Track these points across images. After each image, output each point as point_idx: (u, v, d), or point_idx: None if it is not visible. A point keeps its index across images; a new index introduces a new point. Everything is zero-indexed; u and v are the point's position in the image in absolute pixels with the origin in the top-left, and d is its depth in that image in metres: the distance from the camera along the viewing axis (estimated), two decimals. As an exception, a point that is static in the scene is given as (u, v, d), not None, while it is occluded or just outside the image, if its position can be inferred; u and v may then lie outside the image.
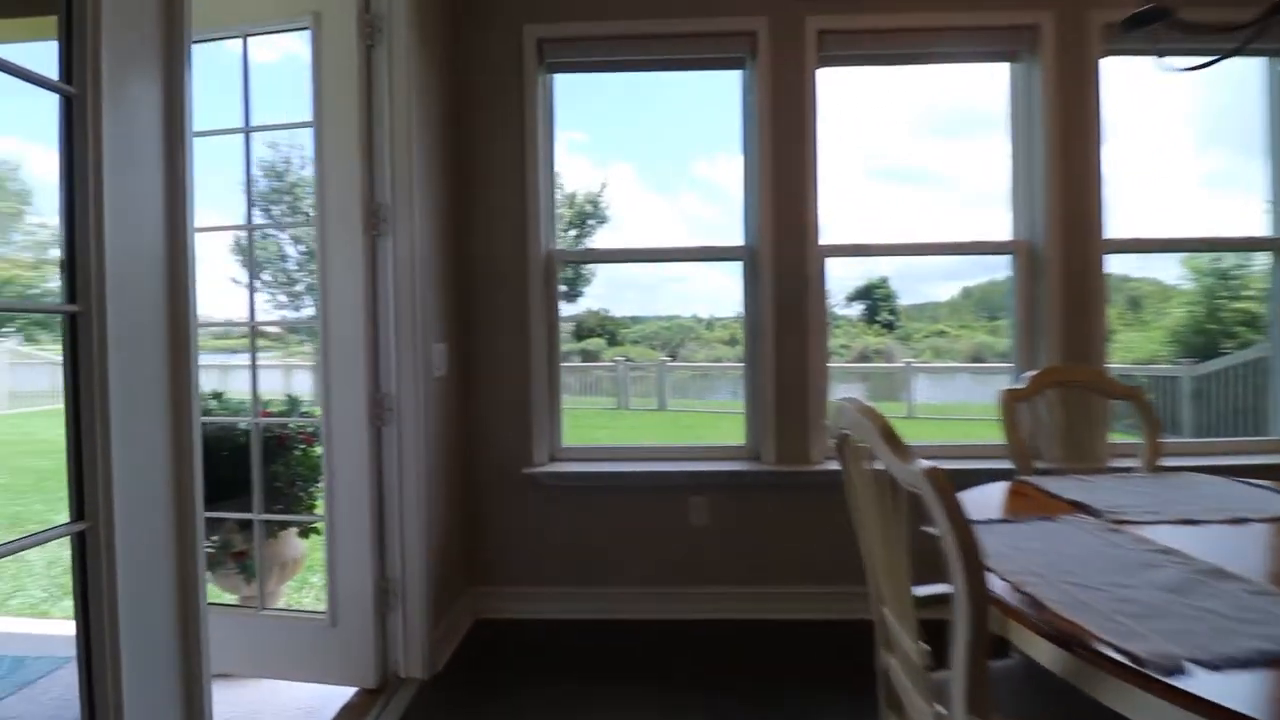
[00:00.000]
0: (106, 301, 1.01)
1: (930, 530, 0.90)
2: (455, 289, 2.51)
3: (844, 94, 2.78)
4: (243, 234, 2.30)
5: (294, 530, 2.52)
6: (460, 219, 2.57)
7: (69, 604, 3.40)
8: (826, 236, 2.62)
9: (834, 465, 2.56)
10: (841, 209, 2.72)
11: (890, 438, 0.97)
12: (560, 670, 2.26)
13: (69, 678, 2.48)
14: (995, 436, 1.97)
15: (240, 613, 2.23)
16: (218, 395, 2.51)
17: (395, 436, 2.12)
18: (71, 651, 2.65)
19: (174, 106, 1.18)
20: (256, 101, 2.11)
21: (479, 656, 2.37)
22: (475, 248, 2.59)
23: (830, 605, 2.54)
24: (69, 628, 2.91)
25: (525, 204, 2.58)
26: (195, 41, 2.23)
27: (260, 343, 2.24)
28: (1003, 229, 2.70)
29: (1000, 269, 2.73)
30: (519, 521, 2.61)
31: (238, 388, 2.78)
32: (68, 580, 3.32)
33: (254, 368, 2.22)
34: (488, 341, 2.60)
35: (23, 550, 0.97)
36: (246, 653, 2.19)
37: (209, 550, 2.43)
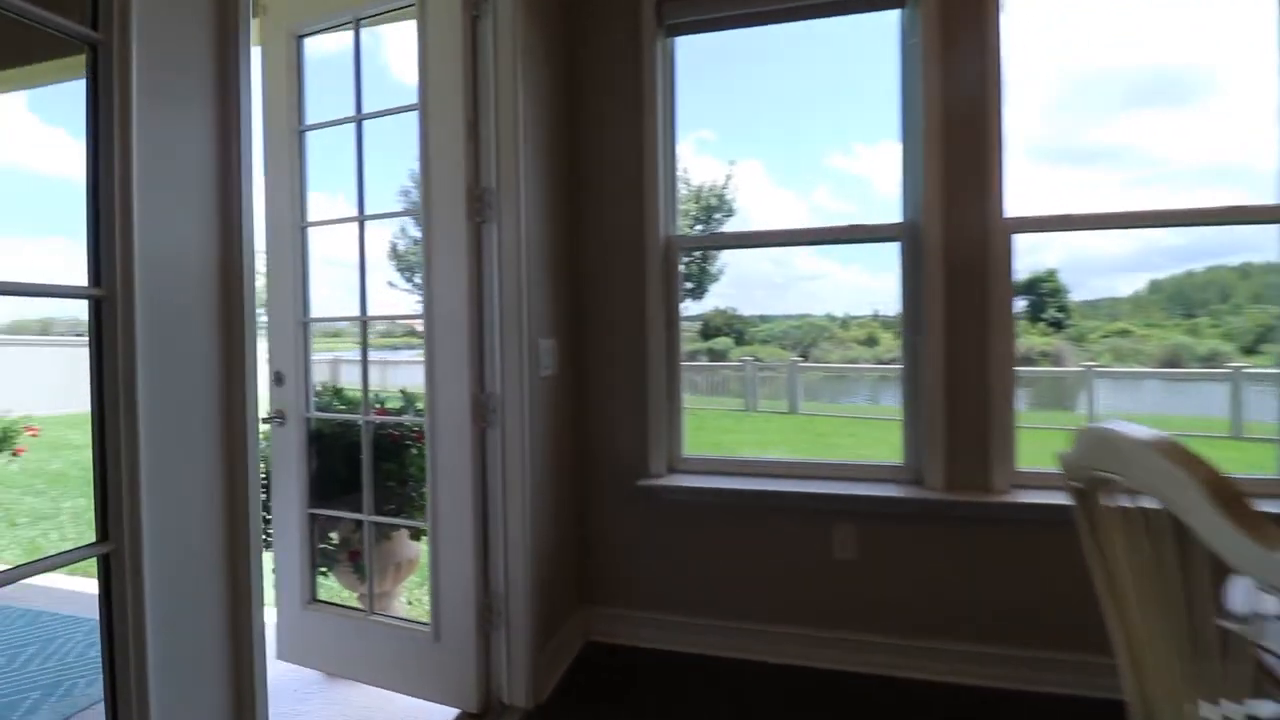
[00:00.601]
0: (136, 286, 0.86)
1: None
2: (565, 280, 2.30)
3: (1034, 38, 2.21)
4: (395, 232, 2.24)
5: (407, 531, 2.45)
6: (571, 203, 2.36)
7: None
8: (1014, 207, 2.09)
9: (1023, 497, 2.02)
10: (1023, 182, 2.16)
11: (1228, 501, 0.56)
12: (679, 713, 1.96)
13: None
14: (1228, 458, 1.38)
15: (352, 615, 2.17)
16: (338, 391, 2.51)
17: (499, 439, 1.94)
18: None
19: (226, 62, 1.02)
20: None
21: (588, 685, 2.14)
22: (588, 234, 2.37)
23: (1013, 672, 2.01)
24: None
25: (642, 184, 2.31)
26: (306, 34, 2.24)
27: (410, 340, 2.17)
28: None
29: (1218, 254, 2.02)
30: (634, 538, 2.35)
31: (400, 382, 2.81)
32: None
33: (364, 363, 2.15)
34: (601, 338, 2.36)
35: (46, 572, 0.83)
36: (357, 657, 2.12)
37: (327, 548, 2.42)
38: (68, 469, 6.56)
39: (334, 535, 2.42)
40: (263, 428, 2.43)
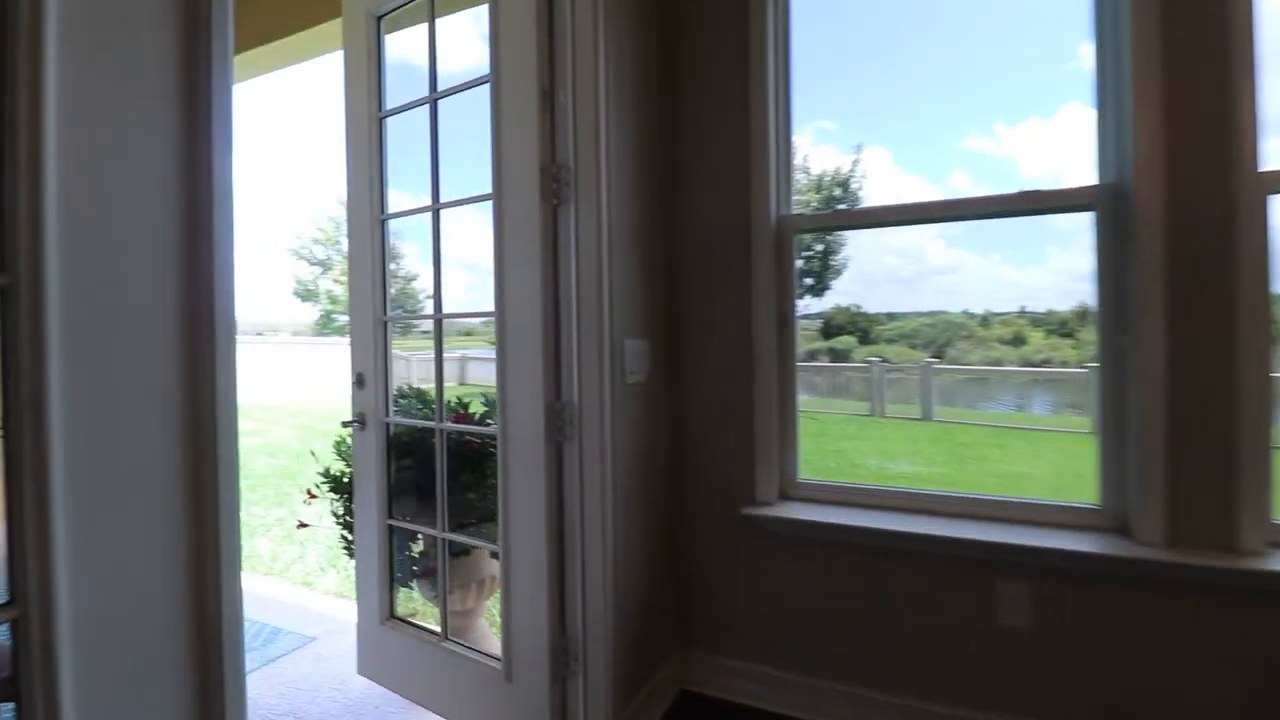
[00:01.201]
0: (47, 267, 0.65)
1: None
2: (657, 271, 1.98)
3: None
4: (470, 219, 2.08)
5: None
6: (664, 181, 2.04)
7: (332, 579, 3.79)
8: (1274, 158, 1.49)
9: (1297, 563, 1.42)
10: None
11: None
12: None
13: (306, 663, 2.57)
14: None
15: (426, 639, 2.00)
16: (420, 394, 2.37)
17: (575, 455, 1.67)
18: (317, 631, 2.70)
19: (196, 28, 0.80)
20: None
21: (679, 749, 1.82)
22: (684, 217, 2.03)
23: (1280, 810, 1.42)
24: (325, 604, 3.08)
25: (749, 155, 1.94)
26: (384, 14, 2.10)
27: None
28: None
29: None
30: (738, 576, 1.99)
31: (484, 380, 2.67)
32: (337, 552, 3.54)
33: (438, 365, 1.97)
34: (700, 338, 2.02)
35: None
36: (430, 685, 1.95)
37: (411, 556, 2.30)
38: None
39: (416, 546, 2.29)
40: (344, 432, 2.37)
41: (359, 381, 2.11)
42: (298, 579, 3.58)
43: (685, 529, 2.05)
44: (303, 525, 2.31)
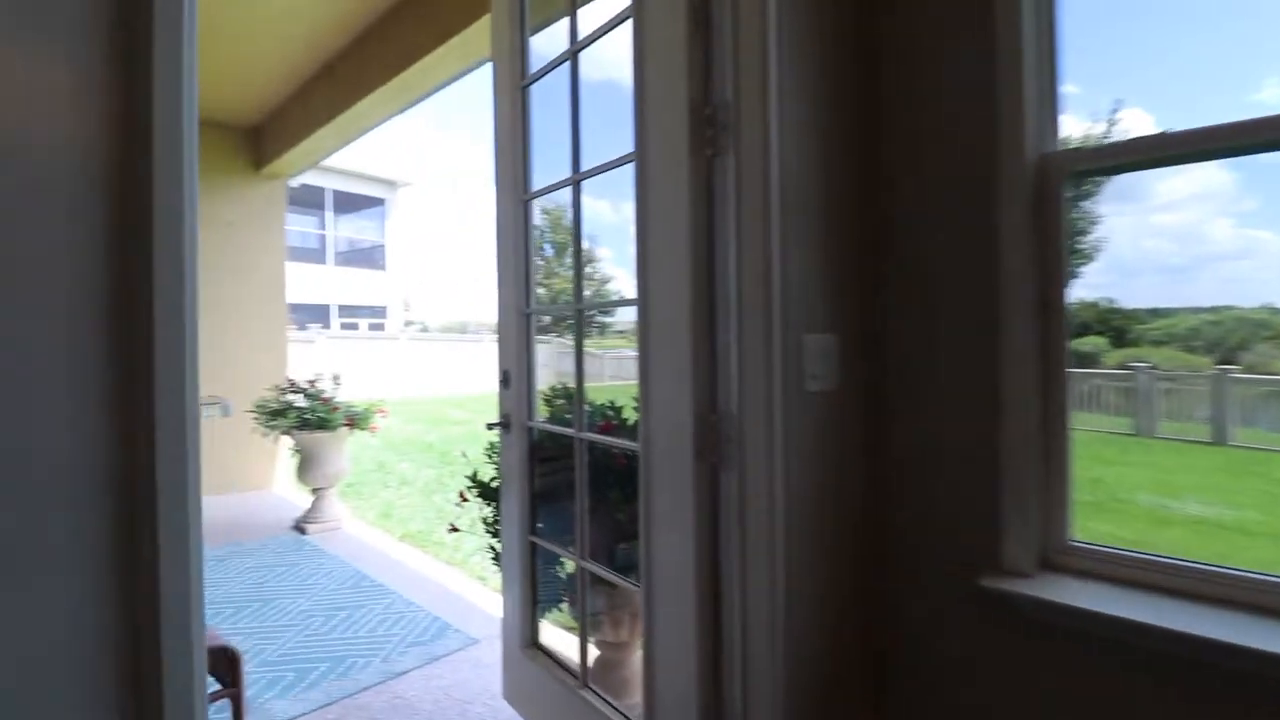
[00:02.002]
0: None
1: None
2: (850, 239, 1.48)
3: None
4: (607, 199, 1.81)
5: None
6: (862, 116, 1.52)
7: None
8: None
9: None
10: None
11: None
12: None
13: (466, 669, 2.49)
14: None
15: (565, 681, 1.75)
16: (571, 394, 2.13)
17: (734, 484, 1.27)
18: (483, 633, 2.60)
19: None
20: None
21: None
22: (893, 165, 1.50)
23: None
24: (495, 603, 3.03)
25: (994, 71, 1.35)
26: None
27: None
28: None
29: None
30: (970, 669, 1.42)
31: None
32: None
33: (579, 365, 1.69)
34: (913, 330, 1.48)
35: None
36: (565, 735, 1.69)
37: (559, 576, 2.07)
38: (400, 444, 8.17)
39: (563, 566, 2.06)
40: (492, 435, 2.23)
41: (504, 380, 1.93)
42: (476, 571, 3.63)
43: (888, 594, 1.52)
44: (454, 529, 2.23)
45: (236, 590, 3.27)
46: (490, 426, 1.93)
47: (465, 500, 2.17)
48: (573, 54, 1.60)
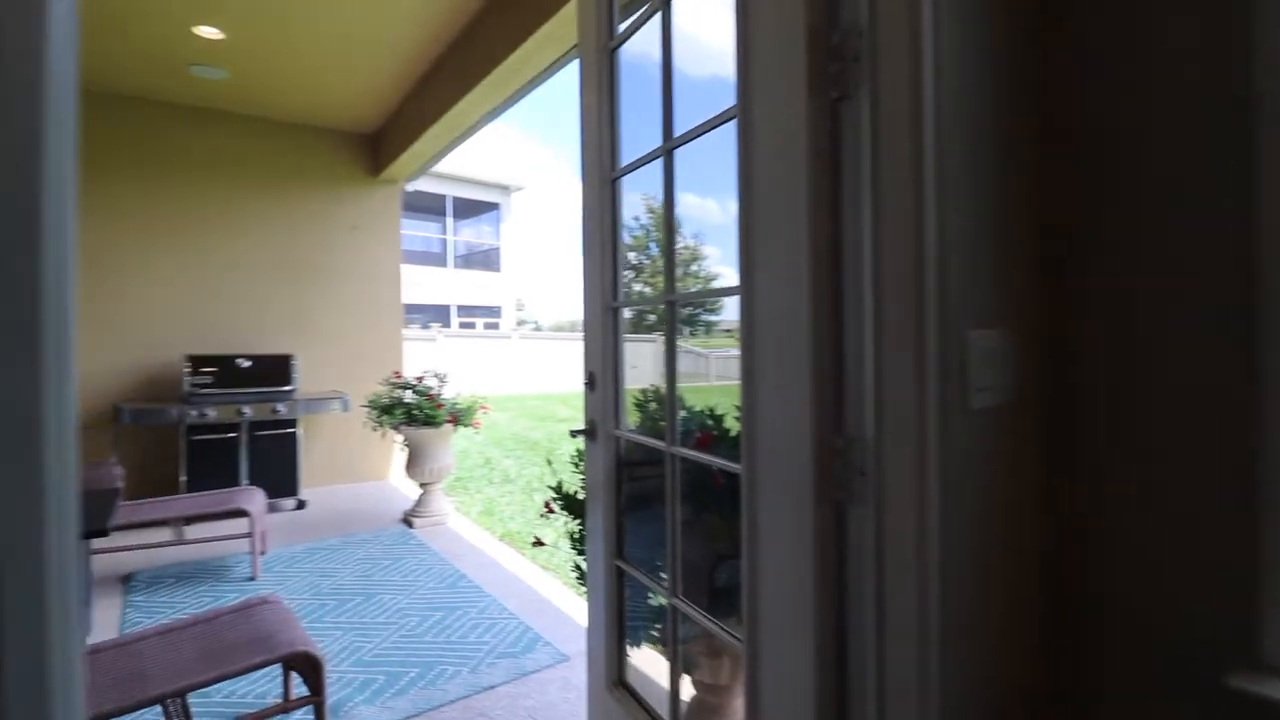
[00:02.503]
0: None
1: None
2: (1027, 205, 1.10)
3: None
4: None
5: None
6: (1039, 35, 1.13)
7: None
8: None
9: None
10: None
11: None
12: None
13: (554, 689, 2.34)
14: None
15: (653, 731, 1.51)
16: (713, 413, 1.87)
17: (870, 526, 0.96)
18: (573, 649, 2.42)
19: None
20: None
21: None
22: (1094, 99, 1.10)
23: None
24: (584, 613, 2.85)
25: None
26: None
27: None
28: None
29: None
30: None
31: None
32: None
33: (670, 367, 1.44)
34: (1119, 321, 1.08)
35: None
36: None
37: (649, 604, 1.84)
38: (506, 440, 8.25)
39: (654, 597, 1.83)
40: (578, 443, 2.03)
41: (589, 382, 1.72)
42: (569, 577, 3.50)
43: (1090, 679, 1.14)
44: (538, 543, 2.05)
45: (345, 582, 3.34)
46: (575, 434, 1.73)
47: (551, 512, 1.99)
48: (664, 2, 1.35)
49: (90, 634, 2.73)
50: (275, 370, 4.88)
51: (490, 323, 20.15)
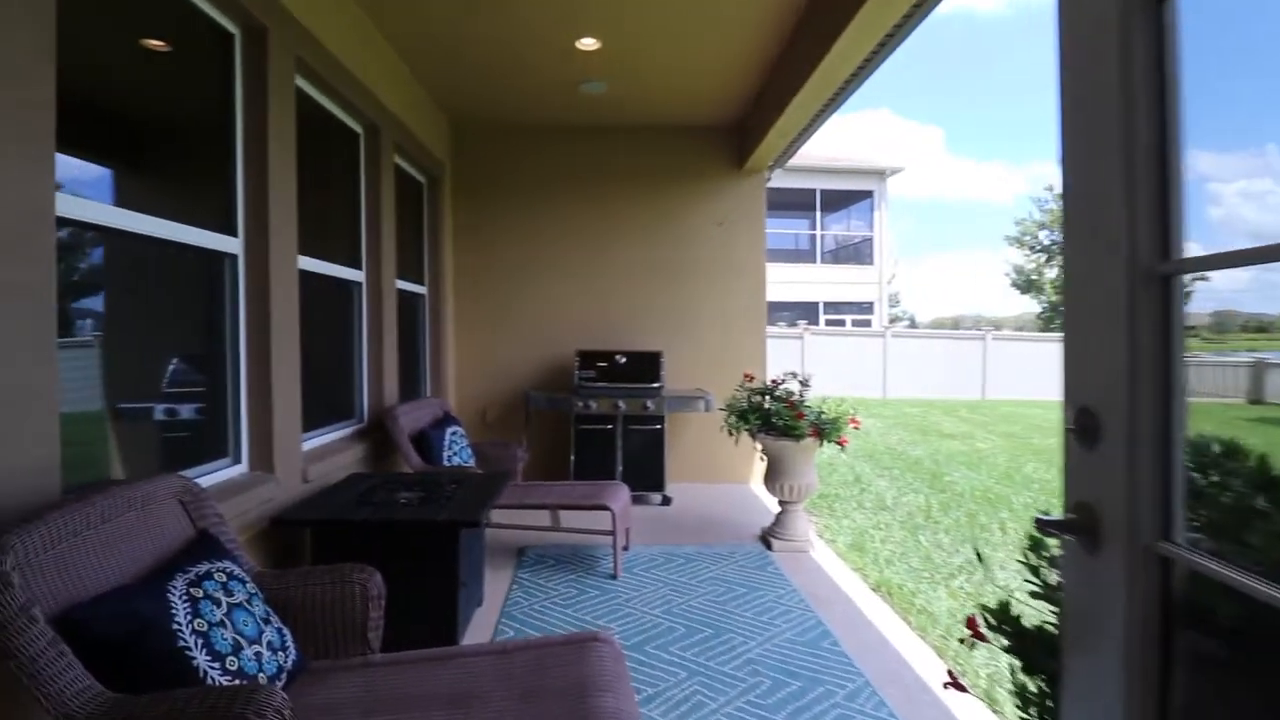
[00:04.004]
0: None
1: None
2: None
3: None
4: None
5: None
6: None
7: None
8: None
9: None
10: None
11: None
12: None
13: None
14: None
15: None
16: None
17: None
18: None
19: None
20: None
21: None
22: None
23: None
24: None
25: None
26: None
27: None
28: None
29: None
30: None
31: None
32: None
33: None
34: None
35: None
36: None
37: None
38: (879, 454, 6.85)
39: None
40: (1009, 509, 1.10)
41: (1083, 429, 0.86)
42: (981, 675, 2.49)
43: None
44: (954, 685, 1.21)
45: (696, 604, 3.04)
46: (1045, 528, 0.89)
47: (977, 637, 1.17)
48: None
49: (481, 605, 2.99)
50: (646, 367, 5.03)
51: (859, 320, 18.87)
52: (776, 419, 3.66)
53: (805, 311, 18.07)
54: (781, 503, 3.90)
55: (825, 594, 3.19)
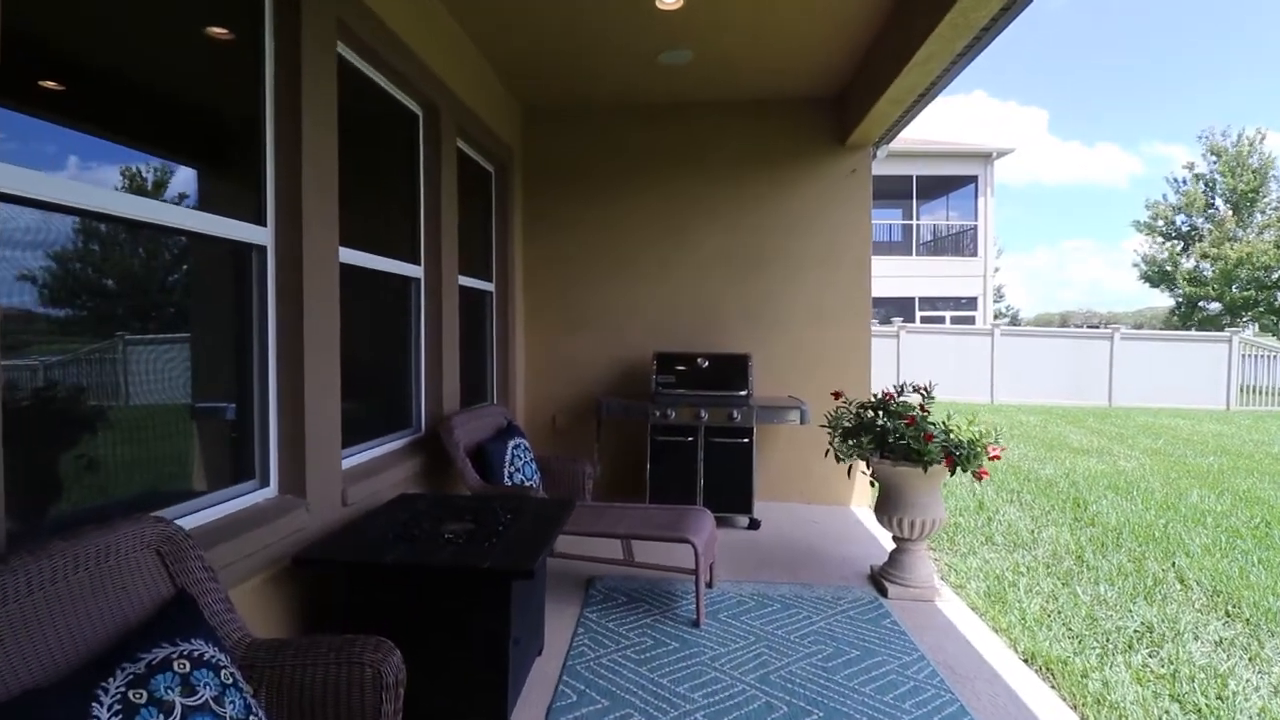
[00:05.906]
0: None
1: None
2: None
3: None
4: None
5: None
6: None
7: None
8: None
9: None
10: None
11: None
12: None
13: None
14: None
15: None
16: None
17: None
18: None
19: None
20: None
21: None
22: None
23: None
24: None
25: None
26: None
27: None
28: None
29: None
30: None
31: None
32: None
33: None
34: None
35: None
36: None
37: None
38: (1002, 474, 5.82)
39: None
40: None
41: None
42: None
43: None
44: None
45: (798, 673, 2.46)
46: None
47: None
48: None
49: (541, 654, 2.55)
50: (732, 372, 4.46)
51: (960, 316, 17.33)
52: (896, 438, 3.00)
53: (899, 308, 16.77)
54: (897, 539, 3.23)
55: (963, 665, 2.53)
